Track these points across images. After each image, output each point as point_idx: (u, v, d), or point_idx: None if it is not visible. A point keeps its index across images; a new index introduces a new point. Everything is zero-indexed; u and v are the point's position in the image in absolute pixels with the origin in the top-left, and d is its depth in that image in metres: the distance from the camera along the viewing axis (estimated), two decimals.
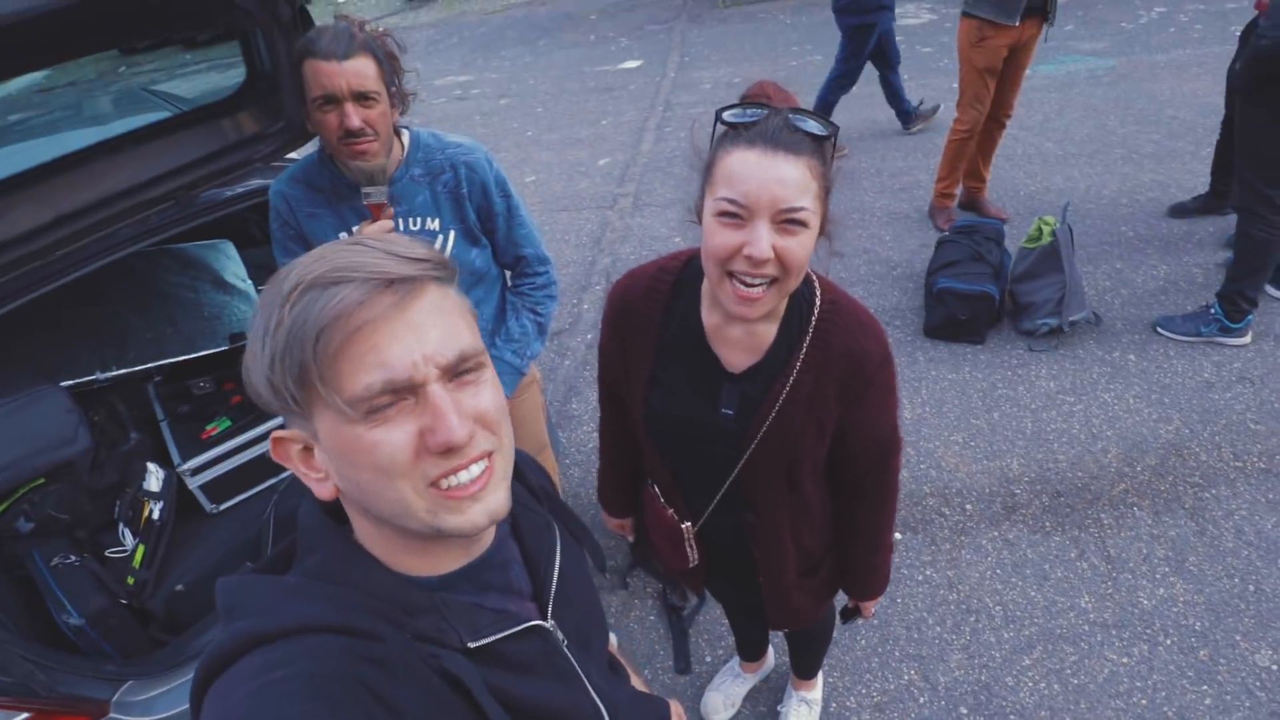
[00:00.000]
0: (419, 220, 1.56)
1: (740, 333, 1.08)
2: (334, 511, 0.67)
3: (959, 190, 4.01)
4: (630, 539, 1.60)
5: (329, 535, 0.65)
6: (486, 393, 0.62)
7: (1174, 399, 2.75)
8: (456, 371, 0.59)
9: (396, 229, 1.51)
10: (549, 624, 0.74)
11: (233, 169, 1.82)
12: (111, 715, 1.47)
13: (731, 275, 0.94)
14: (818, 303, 1.08)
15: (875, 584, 1.39)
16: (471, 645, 0.65)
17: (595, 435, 2.96)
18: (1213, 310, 2.91)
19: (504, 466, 0.64)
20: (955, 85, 3.81)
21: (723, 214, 0.92)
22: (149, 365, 2.09)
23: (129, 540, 1.83)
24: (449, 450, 0.58)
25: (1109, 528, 2.33)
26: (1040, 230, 3.09)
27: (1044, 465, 2.57)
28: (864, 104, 5.60)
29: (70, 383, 1.96)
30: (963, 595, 2.21)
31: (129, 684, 1.52)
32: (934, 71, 6.01)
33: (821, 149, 0.94)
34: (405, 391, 0.57)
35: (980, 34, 3.41)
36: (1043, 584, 2.21)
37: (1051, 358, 3.01)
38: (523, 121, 6.55)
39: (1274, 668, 1.92)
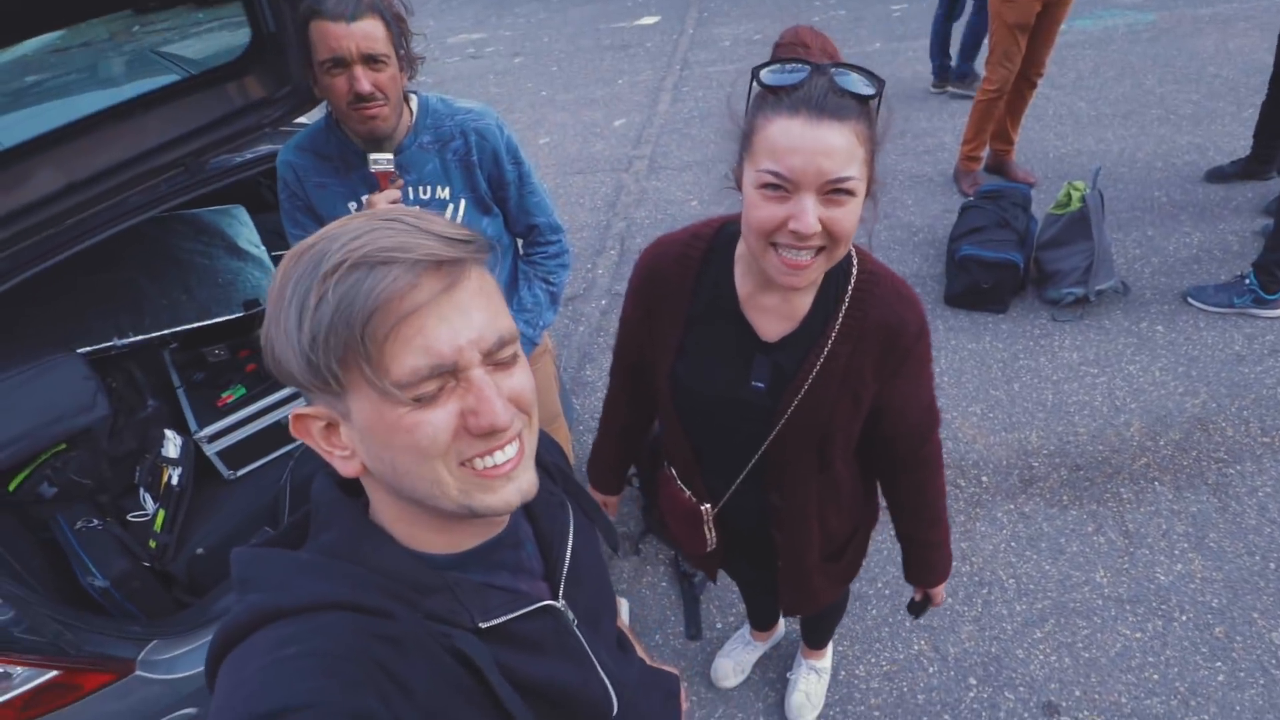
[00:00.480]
0: (429, 189, 1.53)
1: (776, 300, 1.05)
2: (347, 486, 0.67)
3: (985, 153, 3.89)
4: (613, 516, 1.58)
5: (343, 511, 0.65)
6: (521, 374, 0.62)
7: (1202, 372, 2.68)
8: (497, 358, 0.60)
9: (405, 198, 1.49)
10: (560, 604, 0.74)
11: (241, 135, 1.80)
12: (137, 673, 1.51)
13: (776, 245, 0.92)
14: (855, 272, 1.05)
15: (938, 565, 1.34)
16: (483, 625, 0.65)
17: None
18: (1247, 280, 2.82)
19: (532, 445, 0.65)
20: (985, 41, 3.67)
21: (765, 185, 0.88)
22: (165, 332, 2.11)
23: (150, 505, 1.87)
24: (490, 433, 0.58)
25: (1128, 502, 2.30)
26: (1069, 196, 2.99)
27: (1063, 438, 2.53)
28: (887, 60, 5.43)
29: (87, 349, 1.98)
30: (976, 567, 2.20)
31: (153, 643, 1.57)
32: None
33: (868, 109, 0.89)
34: (449, 375, 0.57)
35: None
36: (1058, 558, 2.19)
37: (1076, 328, 2.95)
38: (537, 81, 6.42)
39: None
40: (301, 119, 2.00)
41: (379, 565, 0.62)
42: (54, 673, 1.41)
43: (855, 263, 1.06)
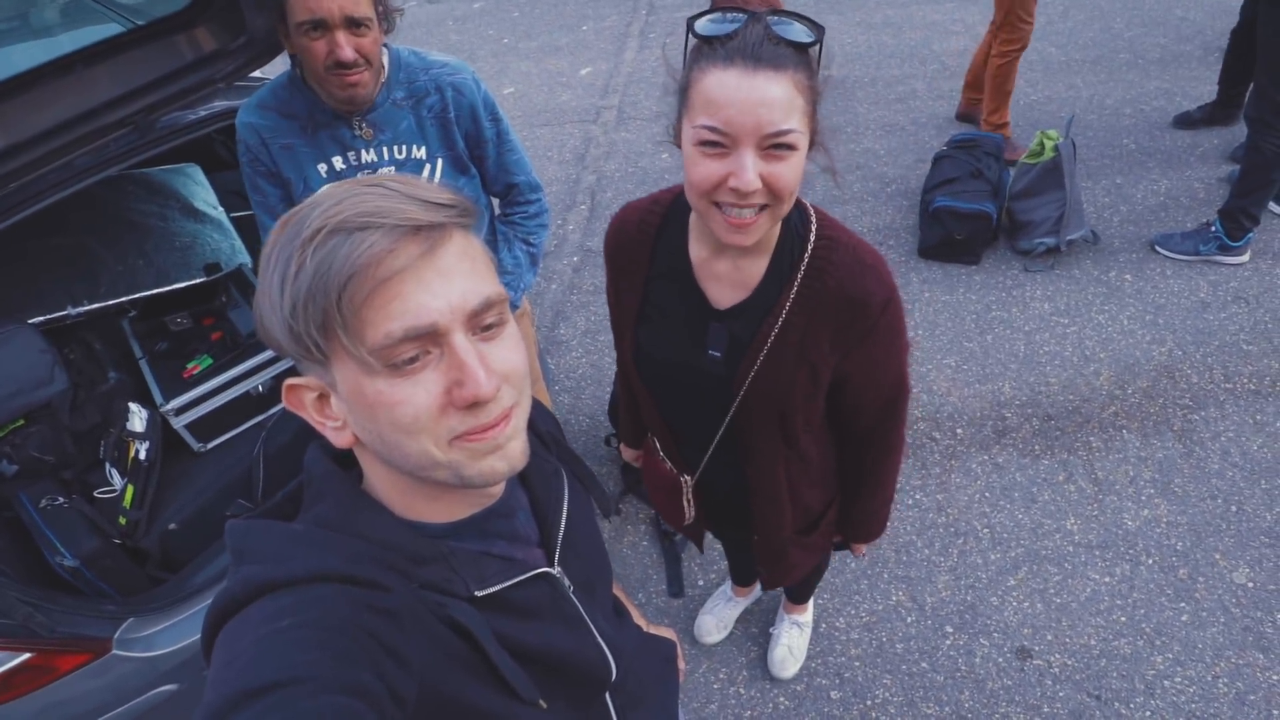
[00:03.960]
0: (404, 148, 1.45)
1: (727, 267, 1.02)
2: (340, 458, 0.67)
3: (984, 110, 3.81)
4: (638, 465, 1.58)
5: (336, 483, 0.65)
6: (510, 346, 0.61)
7: (1168, 320, 2.74)
8: (482, 323, 0.59)
9: (380, 159, 1.42)
10: (556, 571, 0.75)
11: (194, 90, 1.68)
12: (115, 652, 1.48)
13: (719, 204, 0.89)
14: (812, 237, 1.00)
15: (871, 530, 1.37)
16: (478, 594, 0.65)
17: (584, 361, 2.94)
18: (1213, 228, 2.87)
19: (523, 417, 0.64)
20: None
21: (703, 143, 0.85)
22: (122, 299, 2.01)
23: (117, 480, 1.81)
24: (475, 405, 0.57)
25: (1098, 450, 2.36)
26: (1042, 145, 2.99)
27: (1035, 388, 2.58)
28: (857, 7, 5.33)
29: (40, 319, 1.89)
30: (951, 518, 2.25)
31: (129, 621, 1.53)
32: None
33: (807, 58, 0.85)
34: (429, 342, 0.55)
35: None
36: (1030, 507, 2.25)
37: (1047, 278, 2.98)
38: (499, 28, 6.18)
39: (1250, 585, 1.99)
40: (257, 72, 1.89)
41: (373, 536, 0.62)
42: (26, 655, 1.37)
43: (813, 227, 1.00)
